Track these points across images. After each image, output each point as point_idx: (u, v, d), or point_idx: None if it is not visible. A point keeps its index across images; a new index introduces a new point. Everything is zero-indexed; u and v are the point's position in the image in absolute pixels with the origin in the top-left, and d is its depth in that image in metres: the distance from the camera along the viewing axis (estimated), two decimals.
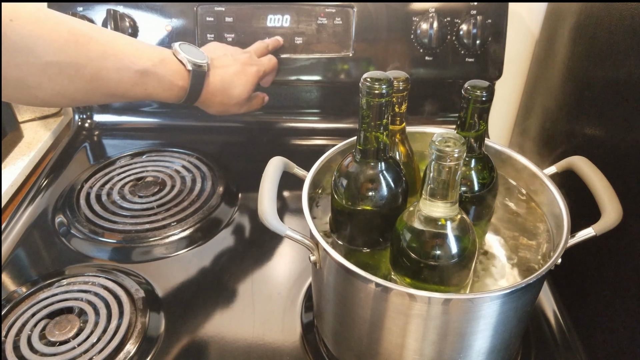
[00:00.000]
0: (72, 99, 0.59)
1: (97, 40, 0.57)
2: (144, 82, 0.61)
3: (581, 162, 0.53)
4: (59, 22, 0.55)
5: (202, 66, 0.66)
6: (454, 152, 0.40)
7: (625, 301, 0.58)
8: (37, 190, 0.80)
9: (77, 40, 0.55)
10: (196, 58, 0.66)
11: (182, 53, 0.65)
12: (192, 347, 0.57)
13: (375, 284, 0.43)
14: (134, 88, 0.61)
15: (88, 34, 0.57)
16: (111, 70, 0.58)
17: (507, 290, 0.42)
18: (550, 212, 0.53)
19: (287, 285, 0.64)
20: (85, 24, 0.58)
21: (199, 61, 0.66)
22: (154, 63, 0.62)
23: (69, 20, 0.57)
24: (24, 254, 0.69)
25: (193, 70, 0.65)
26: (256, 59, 0.75)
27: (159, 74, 0.62)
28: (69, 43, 0.55)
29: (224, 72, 0.70)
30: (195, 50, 0.67)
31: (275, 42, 0.81)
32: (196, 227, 0.71)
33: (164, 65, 0.63)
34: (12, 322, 0.58)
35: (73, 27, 0.56)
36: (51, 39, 0.53)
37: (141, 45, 0.62)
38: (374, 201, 0.49)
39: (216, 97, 0.70)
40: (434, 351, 0.46)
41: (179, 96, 0.66)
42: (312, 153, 0.56)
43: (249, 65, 0.73)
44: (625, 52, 0.59)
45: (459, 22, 0.80)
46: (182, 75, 0.65)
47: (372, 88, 0.43)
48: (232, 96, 0.71)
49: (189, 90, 0.66)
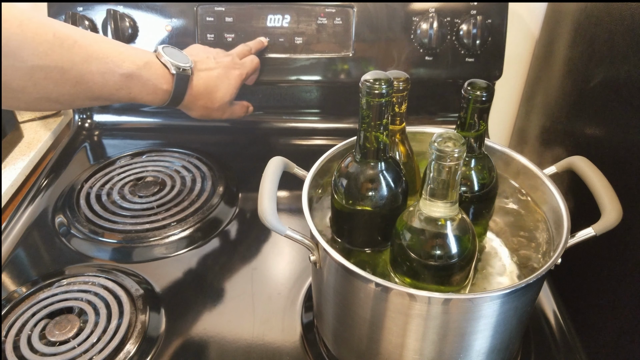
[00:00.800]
0: (56, 103, 0.58)
1: (82, 44, 0.57)
2: (128, 86, 0.61)
3: (581, 162, 0.53)
4: (43, 25, 0.54)
5: (186, 70, 0.66)
6: (454, 152, 0.40)
7: (625, 301, 0.58)
8: (37, 190, 0.80)
9: (62, 43, 0.55)
10: (180, 61, 0.66)
11: (165, 56, 0.65)
12: (192, 347, 0.57)
13: (375, 283, 0.43)
14: (118, 92, 0.61)
15: (72, 37, 0.56)
16: (96, 74, 0.58)
17: (507, 290, 0.42)
18: (550, 212, 0.53)
19: (287, 285, 0.64)
20: (69, 27, 0.58)
21: (182, 65, 0.66)
22: (138, 66, 0.61)
23: (53, 23, 0.56)
24: (24, 254, 0.69)
25: (177, 74, 0.65)
26: (239, 61, 0.75)
27: (143, 77, 0.62)
28: (54, 47, 0.54)
29: (208, 76, 0.70)
30: (178, 54, 0.67)
31: (259, 44, 0.81)
32: (196, 227, 0.71)
33: (148, 68, 0.63)
34: (12, 322, 0.58)
35: (57, 31, 0.55)
36: (36, 43, 0.53)
37: (125, 49, 0.62)
38: (374, 201, 0.49)
39: (199, 101, 0.70)
40: (434, 351, 0.46)
41: (162, 99, 0.66)
42: (312, 153, 0.56)
43: (232, 69, 0.73)
44: (625, 52, 0.59)
45: (459, 22, 0.80)
46: (166, 78, 0.65)
47: (372, 88, 0.43)
48: (215, 100, 0.71)
49: (172, 93, 0.66)
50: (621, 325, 0.59)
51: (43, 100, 0.57)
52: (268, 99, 0.91)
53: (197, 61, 0.69)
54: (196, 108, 0.71)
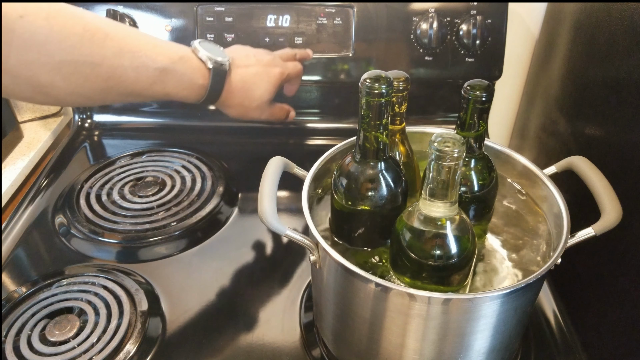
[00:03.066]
0: (87, 98, 0.56)
1: (114, 37, 0.54)
2: (162, 81, 0.59)
3: (581, 162, 0.53)
4: (73, 17, 0.52)
5: (224, 64, 0.63)
6: (454, 152, 0.40)
7: (625, 301, 0.58)
8: (37, 190, 0.80)
9: (92, 37, 0.52)
10: (217, 56, 0.63)
11: (202, 50, 0.62)
12: (192, 347, 0.57)
13: (375, 283, 0.43)
14: (152, 87, 0.59)
15: (104, 30, 0.54)
16: (128, 69, 0.56)
17: (507, 290, 0.42)
18: (550, 212, 0.53)
19: (287, 285, 0.64)
20: (101, 19, 0.56)
21: (220, 59, 0.63)
22: (173, 61, 0.59)
23: (84, 15, 0.53)
24: (24, 254, 0.69)
25: (214, 68, 0.62)
26: (280, 61, 0.72)
27: (178, 71, 0.60)
28: (83, 40, 0.52)
29: (246, 72, 0.67)
30: (215, 48, 0.65)
31: (304, 54, 0.78)
32: (196, 227, 0.71)
33: (184, 62, 0.60)
34: (12, 322, 0.58)
35: (88, 23, 0.53)
36: (64, 36, 0.50)
37: (159, 42, 0.59)
38: (373, 201, 0.49)
39: (236, 98, 0.67)
40: (434, 351, 0.46)
41: (198, 95, 0.64)
42: (312, 153, 0.56)
43: (272, 67, 0.69)
44: (625, 52, 0.59)
45: (459, 22, 0.80)
46: (203, 73, 0.62)
47: (372, 88, 0.43)
48: (253, 98, 0.68)
49: (209, 89, 0.63)
50: (621, 325, 0.59)
51: (74, 96, 0.55)
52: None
53: (235, 57, 0.67)
54: (233, 106, 0.68)
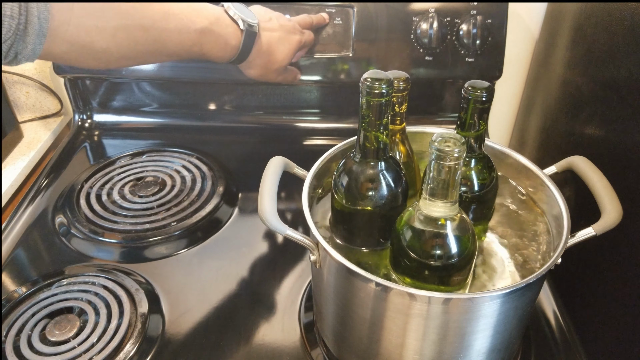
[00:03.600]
0: (132, 60, 0.59)
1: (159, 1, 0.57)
2: (201, 42, 0.61)
3: (581, 162, 0.53)
4: None
5: (253, 26, 0.66)
6: (454, 152, 0.40)
7: (625, 301, 0.58)
8: (37, 190, 0.80)
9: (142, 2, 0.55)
10: (247, 17, 0.65)
11: (233, 9, 0.64)
12: (192, 347, 0.57)
13: (375, 283, 0.43)
14: (191, 48, 0.61)
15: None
16: (173, 32, 0.58)
17: (507, 290, 0.42)
18: (550, 212, 0.53)
19: (287, 285, 0.64)
20: None
21: (250, 20, 0.65)
22: (210, 22, 0.61)
23: None
24: (24, 254, 0.69)
25: (246, 30, 0.65)
26: (299, 28, 0.75)
27: (215, 32, 0.62)
28: (135, 5, 0.55)
29: (271, 36, 0.69)
30: (245, 9, 0.67)
31: (320, 19, 0.81)
32: (196, 227, 0.71)
33: (219, 24, 0.63)
34: (12, 322, 0.58)
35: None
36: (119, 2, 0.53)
37: (196, 4, 0.62)
38: (374, 201, 0.49)
39: (261, 59, 0.69)
40: (434, 351, 0.46)
41: (230, 55, 0.66)
42: (312, 153, 0.56)
43: (293, 34, 0.72)
44: (625, 52, 0.59)
45: (459, 22, 0.80)
46: (236, 34, 0.65)
47: (372, 88, 0.43)
48: (275, 61, 0.71)
49: (240, 49, 0.66)
50: (621, 325, 0.59)
51: (122, 60, 0.57)
52: (268, 99, 0.91)
53: (260, 20, 0.69)
54: (255, 67, 0.70)
